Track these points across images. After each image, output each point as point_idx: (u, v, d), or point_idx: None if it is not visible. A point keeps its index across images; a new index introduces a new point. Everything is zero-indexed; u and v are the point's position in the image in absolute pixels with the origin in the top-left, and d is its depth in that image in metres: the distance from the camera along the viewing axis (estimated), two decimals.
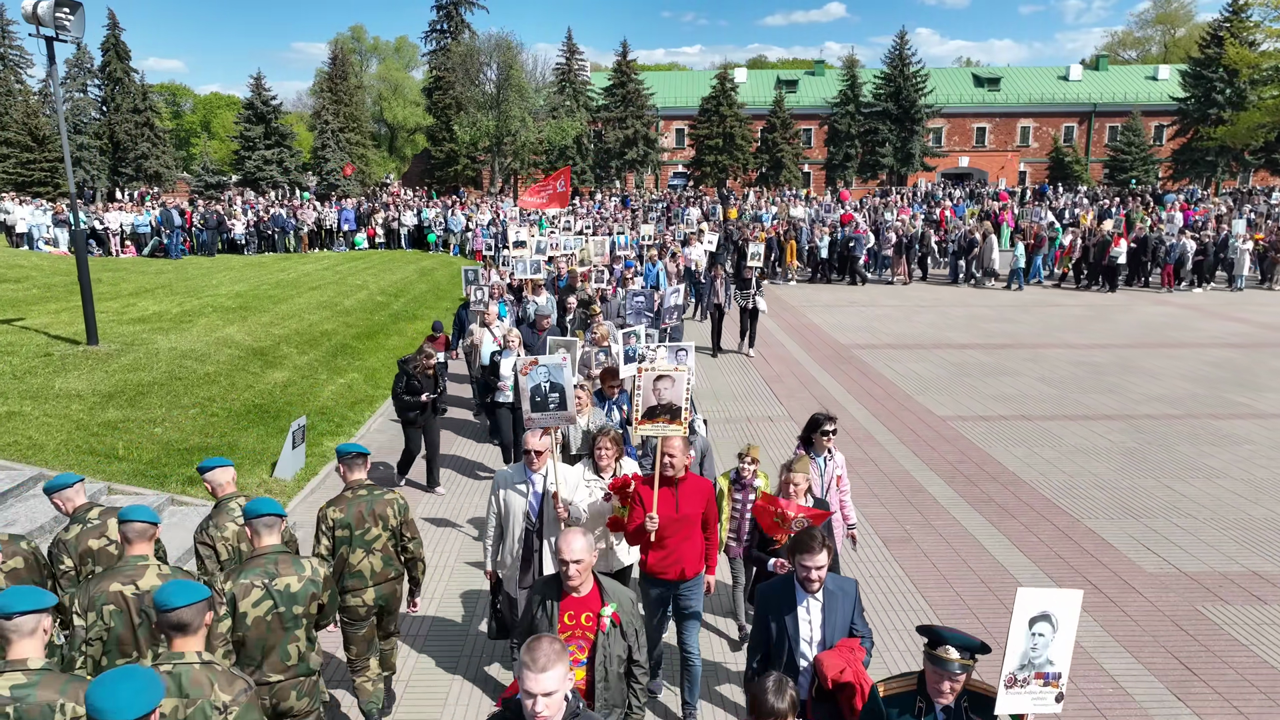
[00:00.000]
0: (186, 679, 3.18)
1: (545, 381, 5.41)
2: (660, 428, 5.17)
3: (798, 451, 6.27)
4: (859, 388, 13.53)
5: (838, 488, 6.21)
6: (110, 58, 62.73)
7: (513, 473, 5.49)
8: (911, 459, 10.22)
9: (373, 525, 5.15)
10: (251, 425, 10.41)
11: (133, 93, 62.22)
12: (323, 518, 5.17)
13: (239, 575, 4.15)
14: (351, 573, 5.11)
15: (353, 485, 5.27)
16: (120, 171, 60.84)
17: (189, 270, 22.61)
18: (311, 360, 13.54)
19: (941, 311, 20.68)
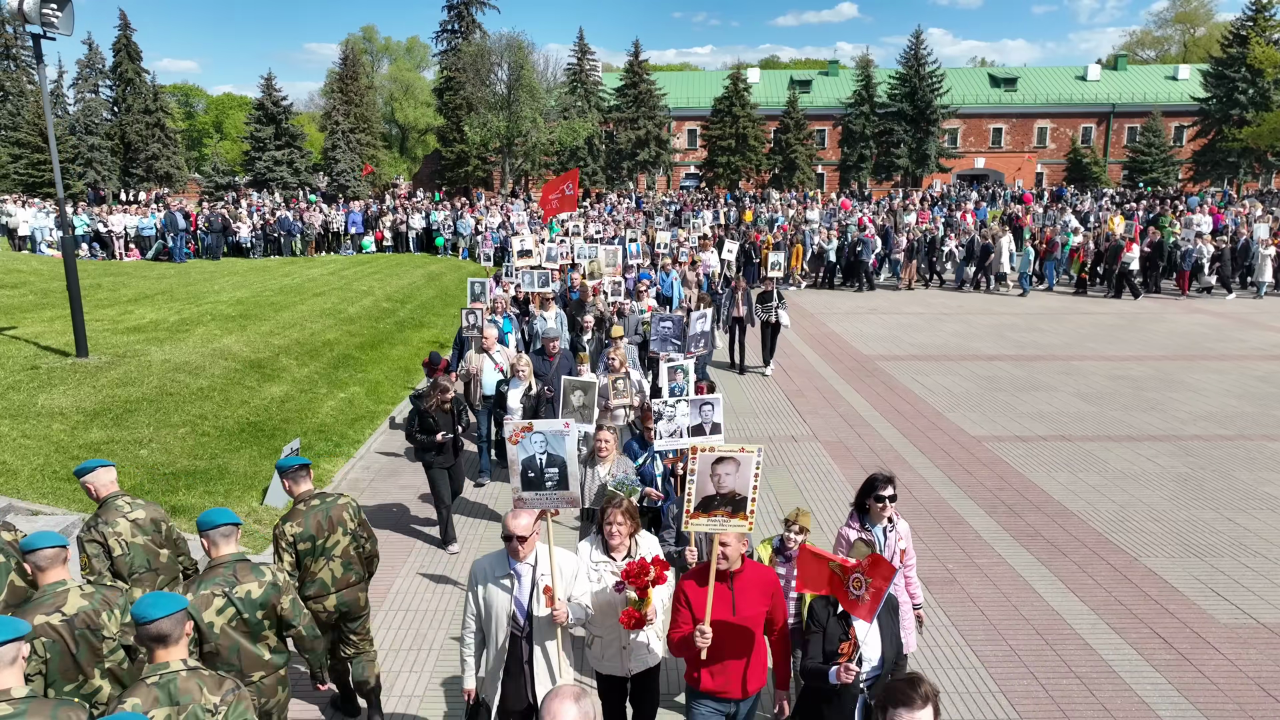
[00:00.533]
0: (175, 687, 3.25)
1: (541, 453, 4.32)
2: (719, 523, 4.20)
3: (851, 526, 5.20)
4: (886, 404, 12.84)
5: (901, 564, 5.13)
6: (122, 58, 62.58)
7: (493, 563, 4.35)
8: (948, 485, 9.53)
9: (332, 532, 5.15)
10: (244, 445, 9.82)
11: (144, 93, 62.07)
12: (281, 534, 5.06)
13: (199, 586, 4.16)
14: (313, 581, 5.11)
15: (302, 497, 5.19)
16: (131, 172, 60.72)
17: (192, 275, 22.11)
18: (311, 373, 12.95)
19: (965, 320, 19.94)
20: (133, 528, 4.94)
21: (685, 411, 5.86)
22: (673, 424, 5.89)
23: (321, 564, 5.10)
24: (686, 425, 5.87)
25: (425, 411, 7.77)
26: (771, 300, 14.00)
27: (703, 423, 5.92)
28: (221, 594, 4.14)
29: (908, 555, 5.22)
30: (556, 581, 4.25)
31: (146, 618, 3.26)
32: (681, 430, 5.86)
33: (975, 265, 24.12)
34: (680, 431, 5.86)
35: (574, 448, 4.32)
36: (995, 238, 24.12)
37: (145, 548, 4.96)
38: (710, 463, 4.25)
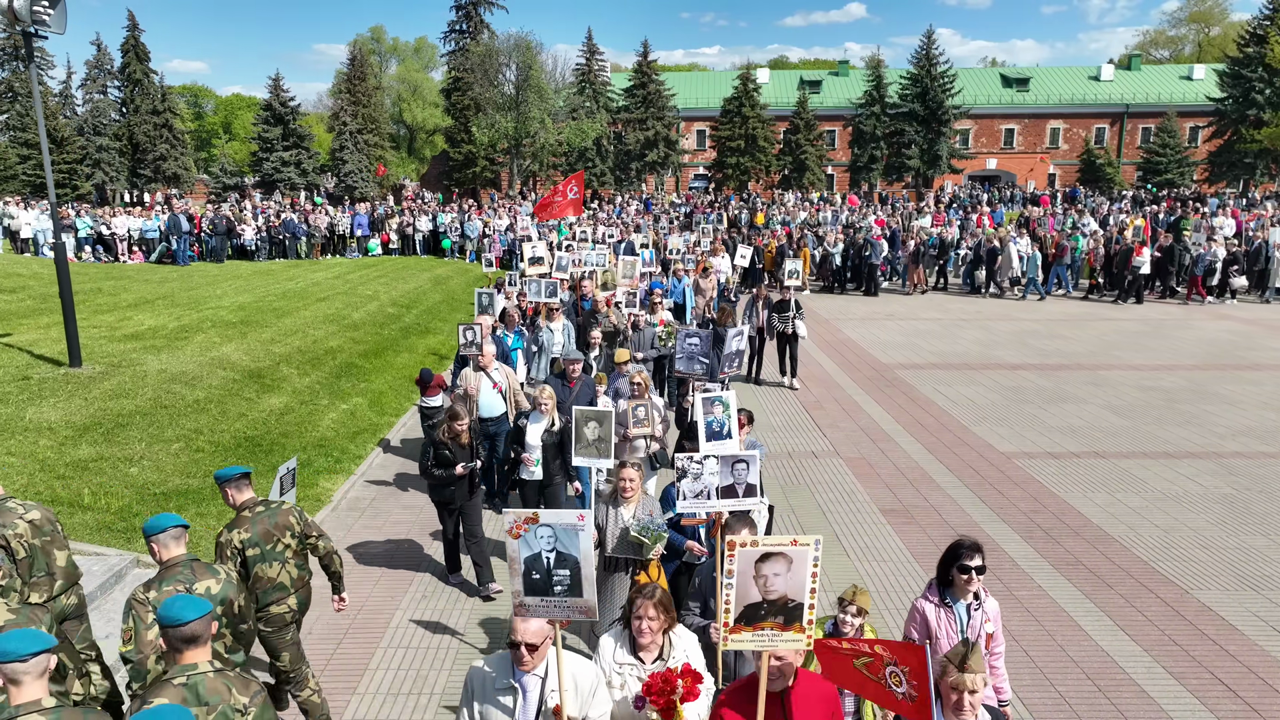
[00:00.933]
0: (203, 688, 3.30)
1: (549, 551, 3.51)
2: (768, 638, 3.39)
3: (929, 599, 4.48)
4: (908, 417, 12.33)
5: (987, 651, 4.29)
6: (130, 59, 62.48)
7: (494, 671, 3.62)
8: (979, 507, 9.03)
9: (280, 537, 5.14)
10: (240, 462, 9.37)
11: (152, 94, 61.97)
12: (226, 543, 5.02)
13: (159, 585, 4.17)
14: (274, 585, 5.11)
15: (246, 505, 5.16)
16: (139, 173, 60.62)
17: (195, 278, 21.75)
18: (312, 383, 12.52)
19: (984, 326, 19.40)
20: (31, 529, 4.81)
21: (714, 469, 4.95)
22: (699, 483, 4.98)
23: (276, 568, 5.11)
24: (715, 485, 4.99)
25: (439, 443, 6.99)
26: (789, 310, 13.44)
27: (735, 483, 5.00)
28: (183, 590, 4.15)
29: (995, 641, 4.46)
30: (569, 699, 3.51)
31: (181, 620, 3.32)
32: (709, 491, 4.99)
33: (984, 270, 23.58)
34: (708, 493, 4.99)
35: (589, 547, 3.54)
36: (1003, 241, 23.56)
37: (44, 550, 4.82)
38: (753, 560, 3.41)
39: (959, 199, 38.52)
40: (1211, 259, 22.47)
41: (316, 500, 8.95)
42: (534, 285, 11.53)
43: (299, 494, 8.62)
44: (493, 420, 8.75)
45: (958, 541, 4.40)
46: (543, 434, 7.34)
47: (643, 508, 5.58)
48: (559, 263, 13.59)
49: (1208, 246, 22.66)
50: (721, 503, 4.95)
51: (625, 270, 13.31)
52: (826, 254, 24.03)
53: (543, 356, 10.76)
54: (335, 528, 8.53)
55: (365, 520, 8.75)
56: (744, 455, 5.00)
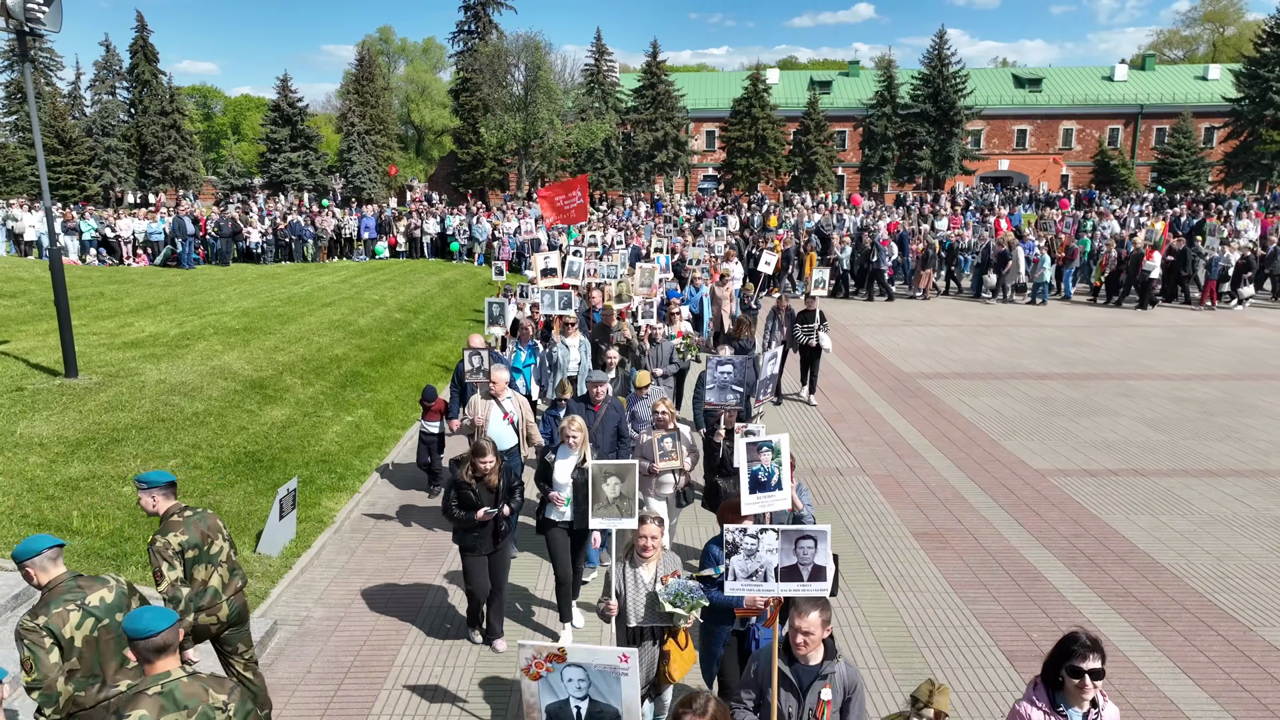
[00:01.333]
0: (180, 693, 3.36)
1: (580, 698, 3.01)
2: None
3: (1036, 705, 3.72)
4: (934, 430, 11.84)
5: None
6: (138, 60, 62.46)
7: None
8: (1017, 530, 8.54)
9: (215, 538, 5.07)
10: (239, 479, 8.97)
11: (160, 95, 61.92)
12: (165, 546, 4.81)
13: (50, 606, 4.07)
14: (209, 590, 4.99)
15: (173, 510, 4.98)
16: (147, 174, 60.52)
17: (199, 282, 21.38)
18: (316, 393, 12.10)
19: (1006, 333, 18.88)
20: None
21: (773, 545, 4.01)
22: (754, 560, 4.09)
23: (210, 571, 4.99)
24: (775, 565, 4.10)
25: (461, 483, 6.17)
26: (812, 321, 12.81)
27: (799, 564, 4.08)
28: (76, 607, 4.10)
29: None
30: None
31: (151, 630, 3.36)
32: (766, 572, 4.10)
33: (994, 273, 23.04)
34: (765, 573, 4.11)
35: (634, 696, 2.95)
36: (1011, 245, 23.02)
37: None
38: None
39: (976, 201, 37.95)
40: (1225, 264, 21.93)
41: (318, 521, 8.52)
42: (547, 297, 10.95)
43: (300, 515, 8.21)
44: (504, 454, 7.82)
45: (1070, 636, 3.74)
46: (573, 470, 6.40)
47: (664, 564, 4.87)
48: (570, 268, 13.07)
49: (1221, 250, 22.10)
50: (783, 586, 4.11)
51: (643, 279, 12.63)
52: (835, 258, 23.50)
53: (557, 374, 10.25)
54: (338, 551, 8.10)
55: (369, 543, 8.32)
56: (811, 530, 4.11)
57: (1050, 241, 23.66)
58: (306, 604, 7.08)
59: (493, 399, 7.81)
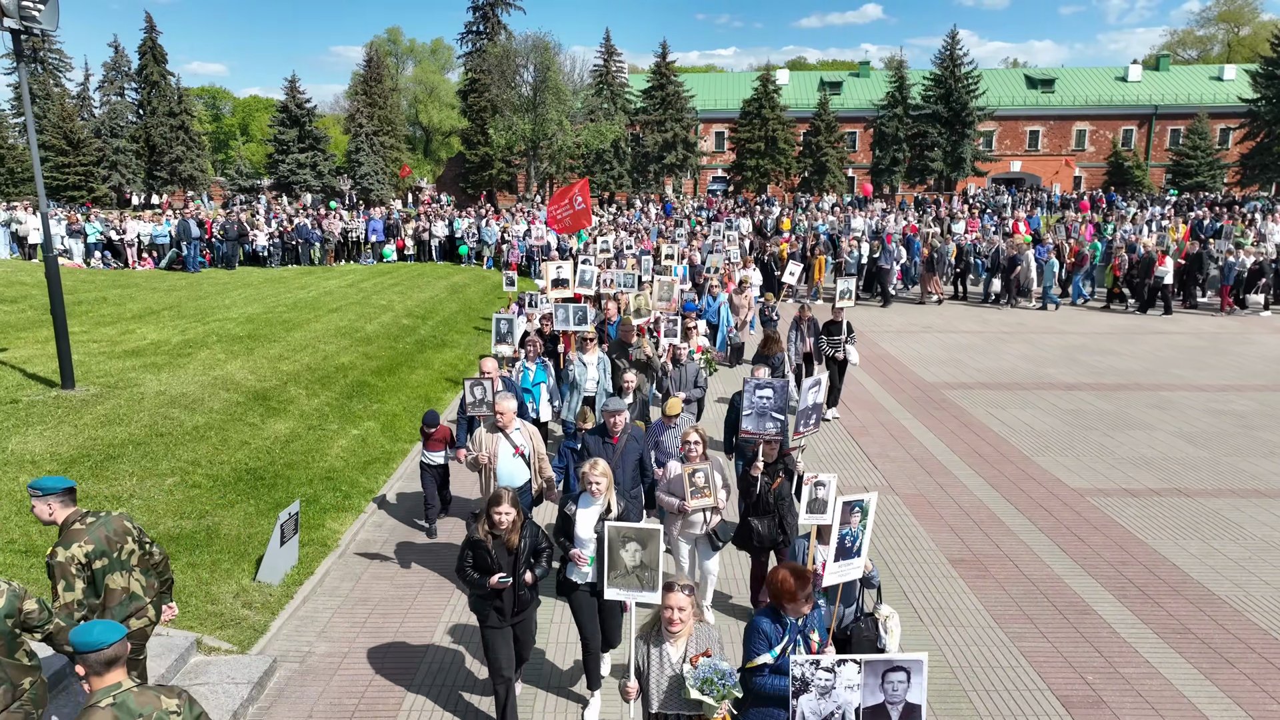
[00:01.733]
0: (132, 702, 3.40)
1: None
2: None
3: None
4: (964, 445, 11.36)
5: None
6: (147, 61, 62.40)
7: None
8: (1060, 557, 8.07)
9: (123, 542, 4.82)
10: (240, 499, 8.55)
11: (169, 96, 61.85)
12: (69, 561, 4.53)
13: None
14: (130, 596, 4.80)
15: (74, 518, 4.72)
16: (155, 175, 60.42)
17: (204, 286, 21.02)
18: (321, 405, 11.69)
19: (1029, 340, 18.38)
20: None
21: (853, 680, 3.37)
22: (829, 700, 3.52)
23: (125, 577, 4.80)
24: (856, 706, 3.52)
25: (477, 541, 5.31)
26: (839, 333, 12.20)
27: (887, 702, 3.52)
28: None
29: None
30: None
31: (102, 643, 3.39)
32: (846, 712, 3.56)
33: (1001, 278, 22.50)
34: (844, 715, 3.56)
35: None
36: (1020, 249, 22.48)
37: None
38: None
39: (989, 203, 37.39)
40: (1240, 268, 21.39)
41: (322, 544, 8.10)
42: (561, 311, 10.27)
43: (303, 538, 7.80)
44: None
45: None
46: (596, 524, 5.49)
47: (695, 640, 4.12)
48: (581, 276, 12.53)
49: (1236, 255, 21.56)
50: None
51: (661, 292, 11.89)
52: (842, 261, 22.93)
53: (574, 396, 9.60)
54: (342, 578, 7.68)
55: (376, 568, 7.90)
56: (902, 661, 3.52)
57: (1059, 246, 23.11)
58: (308, 637, 6.66)
59: (500, 432, 7.01)
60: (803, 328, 12.55)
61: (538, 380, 9.78)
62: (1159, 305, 21.59)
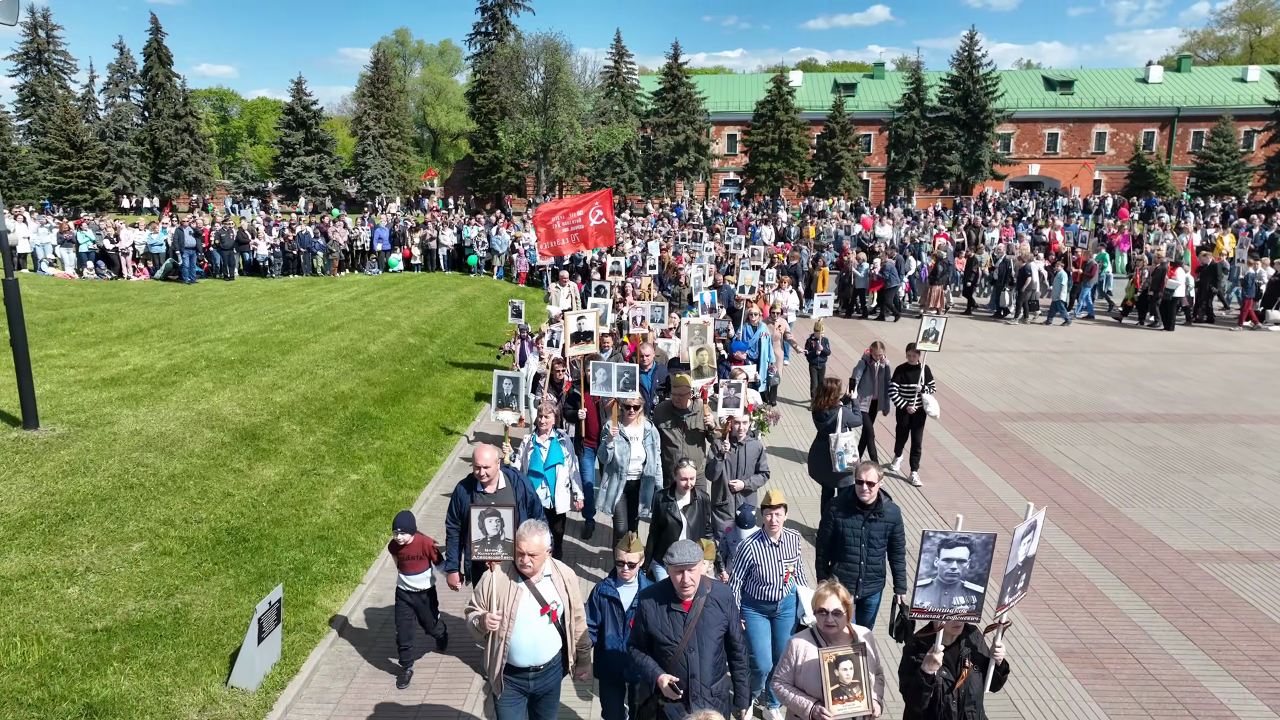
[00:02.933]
0: None
1: None
2: None
3: None
4: (1037, 491, 10.08)
5: None
6: (152, 62, 61.57)
7: None
8: (1186, 648, 6.78)
9: None
10: (218, 568, 7.33)
11: (174, 98, 60.99)
12: None
13: None
14: None
15: None
16: (160, 178, 59.53)
17: (199, 300, 19.85)
18: (317, 444, 10.47)
19: (1081, 361, 17.07)
20: None
21: None
22: None
23: None
24: None
25: None
26: (915, 380, 10.07)
27: None
28: None
29: None
30: None
31: None
32: None
33: (1014, 291, 21.11)
34: None
35: None
36: (1028, 260, 21.12)
37: None
38: None
39: (1008, 208, 36.01)
40: (1258, 280, 20.07)
41: (311, 629, 6.85)
42: (601, 373, 7.44)
43: (289, 620, 6.58)
44: (536, 673, 4.72)
45: None
46: None
47: None
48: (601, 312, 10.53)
49: (1255, 266, 20.22)
50: None
51: (693, 337, 9.06)
52: (848, 273, 21.48)
53: (614, 480, 7.43)
54: (334, 674, 6.44)
55: (376, 657, 6.65)
56: None
57: (1065, 256, 21.79)
58: None
59: (523, 581, 4.65)
60: (872, 372, 10.54)
61: (552, 462, 7.19)
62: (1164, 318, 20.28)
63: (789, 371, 14.84)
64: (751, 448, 7.39)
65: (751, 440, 7.47)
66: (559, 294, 14.30)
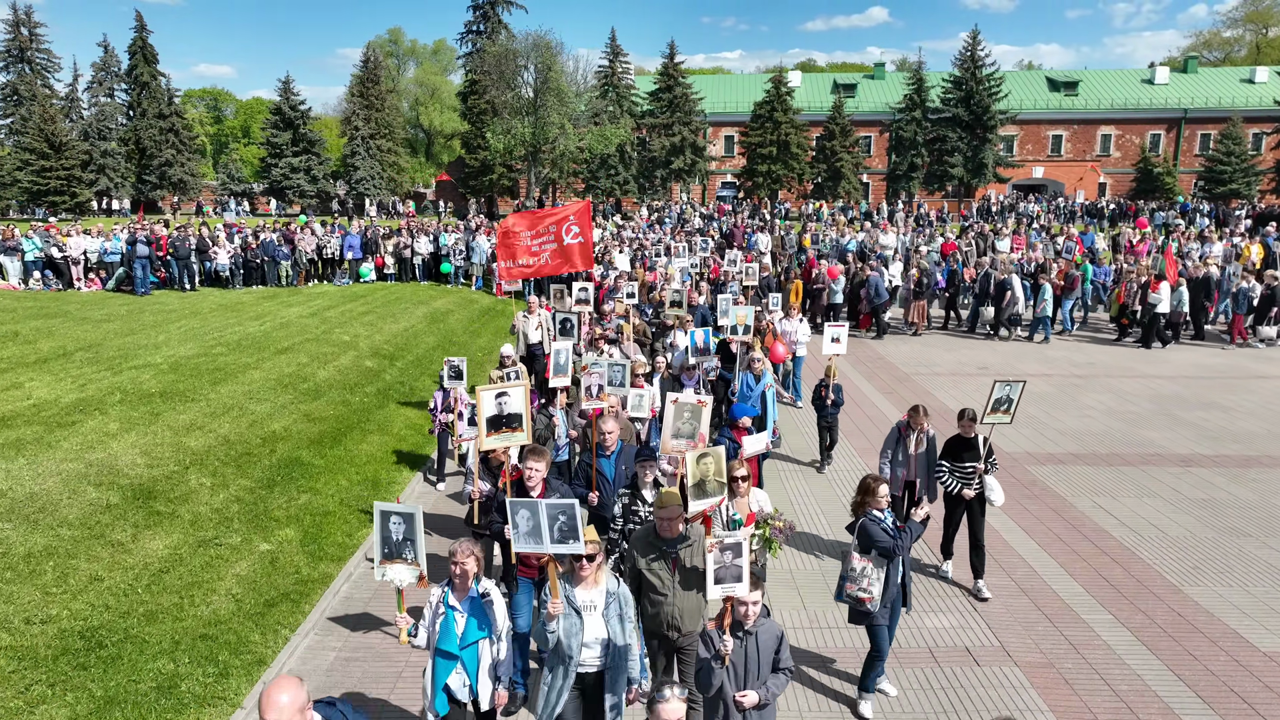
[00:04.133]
0: None
1: None
2: None
3: None
4: (1080, 561, 8.46)
5: None
6: (137, 61, 60.10)
7: None
8: None
9: None
10: (51, 694, 5.69)
11: (159, 97, 59.53)
12: None
13: None
14: None
15: None
16: (145, 179, 57.99)
17: (144, 315, 18.19)
18: (228, 502, 8.85)
19: (1108, 387, 15.48)
20: None
21: None
22: None
23: None
24: None
25: None
26: (975, 456, 7.66)
27: None
28: None
29: None
30: None
31: None
32: None
33: (993, 306, 19.47)
34: None
35: None
36: (1009, 272, 19.50)
37: None
38: None
39: (1036, 218, 34.36)
40: (1251, 294, 18.55)
41: None
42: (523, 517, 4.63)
43: None
44: None
45: None
46: None
47: None
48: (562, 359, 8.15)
49: (1248, 280, 18.69)
50: None
51: (681, 422, 5.91)
52: (821, 287, 19.70)
53: (558, 676, 4.80)
54: None
55: None
56: None
57: (1045, 266, 20.21)
58: None
59: None
60: (910, 445, 8.12)
61: (471, 639, 4.72)
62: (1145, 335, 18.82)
63: (788, 416, 13.16)
64: (766, 635, 4.68)
65: (765, 624, 4.73)
66: (527, 324, 12.58)
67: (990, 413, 7.85)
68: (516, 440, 6.14)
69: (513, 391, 6.04)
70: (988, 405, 7.81)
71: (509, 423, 6.03)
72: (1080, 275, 19.76)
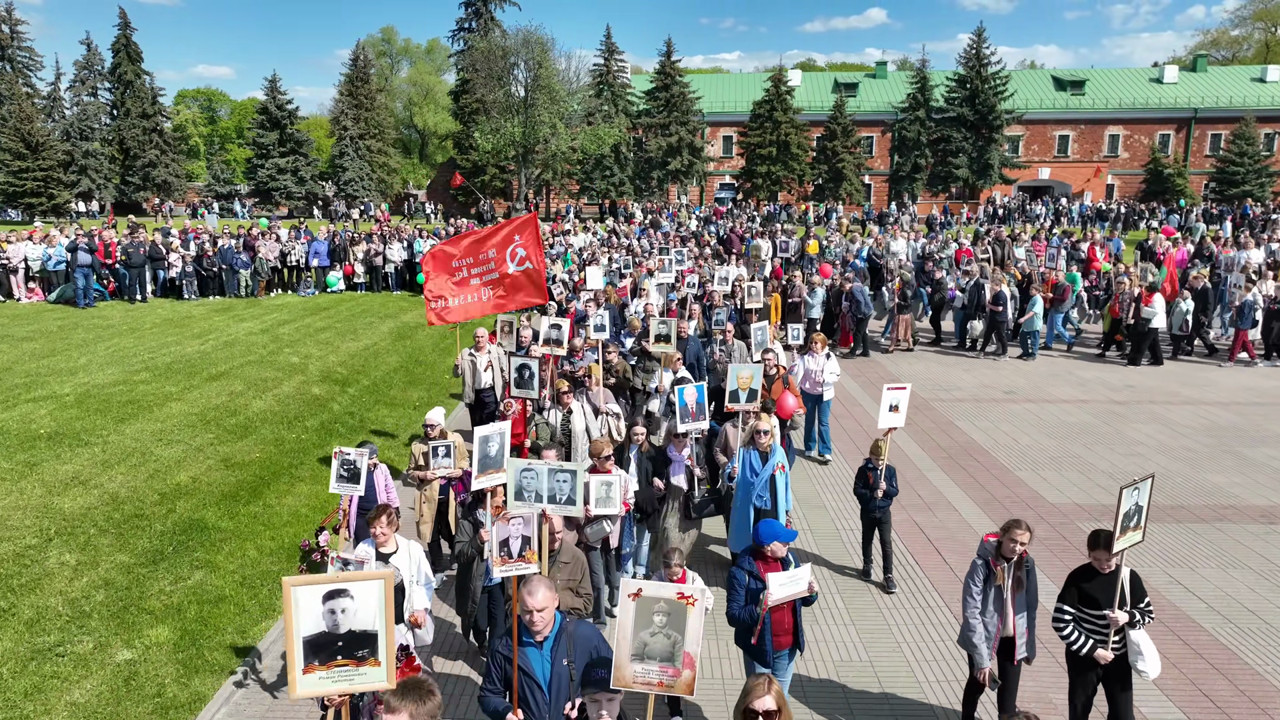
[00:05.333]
0: None
1: None
2: None
3: None
4: (1180, 680, 6.64)
5: None
6: (121, 59, 58.40)
7: None
8: None
9: None
10: None
11: (143, 97, 57.91)
12: None
13: None
14: None
15: None
16: (128, 180, 56.35)
17: (77, 333, 16.39)
18: (90, 589, 7.02)
19: (1154, 414, 13.66)
20: None
21: None
22: None
23: None
24: None
25: None
26: (1107, 601, 5.26)
27: None
28: None
29: None
30: None
31: None
32: None
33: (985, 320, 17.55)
34: None
35: None
36: (999, 283, 17.63)
37: None
38: None
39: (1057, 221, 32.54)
40: (1255, 309, 16.76)
41: None
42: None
43: None
44: None
45: None
46: None
47: None
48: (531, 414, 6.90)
49: (1251, 293, 16.89)
50: None
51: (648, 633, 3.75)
52: (798, 301, 17.62)
53: None
54: None
55: None
56: None
57: (1031, 275, 18.40)
58: None
59: None
60: (1006, 583, 5.47)
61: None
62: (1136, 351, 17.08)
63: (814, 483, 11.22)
64: None
65: None
66: (477, 361, 10.57)
67: (1121, 532, 5.21)
68: None
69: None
70: (1117, 523, 5.25)
71: None
72: (1069, 286, 17.99)
